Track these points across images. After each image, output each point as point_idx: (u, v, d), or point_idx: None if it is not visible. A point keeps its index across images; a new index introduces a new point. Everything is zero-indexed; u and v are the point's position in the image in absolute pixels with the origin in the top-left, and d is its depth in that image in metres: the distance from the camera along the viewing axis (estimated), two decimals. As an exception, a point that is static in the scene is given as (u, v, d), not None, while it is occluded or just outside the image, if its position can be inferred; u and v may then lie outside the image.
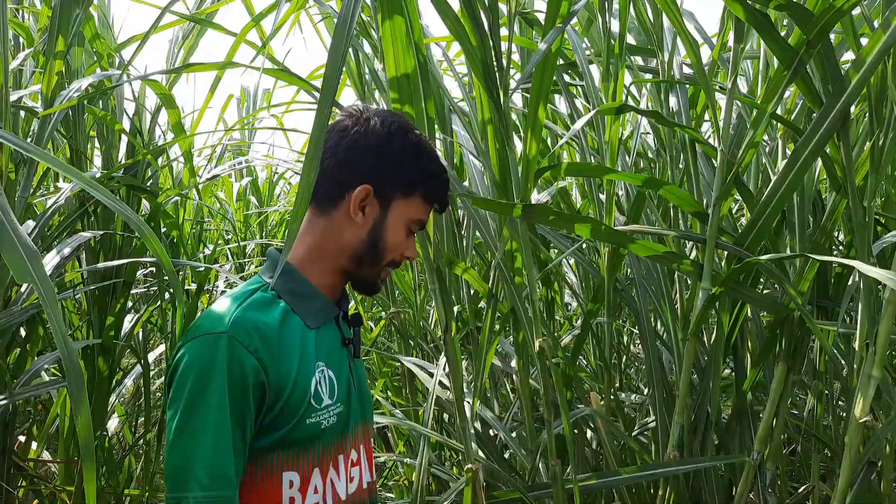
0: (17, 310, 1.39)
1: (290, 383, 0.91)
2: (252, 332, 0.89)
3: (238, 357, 0.87)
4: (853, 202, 1.17)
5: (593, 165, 1.60)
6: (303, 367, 0.93)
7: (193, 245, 2.94)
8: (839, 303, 1.41)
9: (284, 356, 0.92)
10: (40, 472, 2.23)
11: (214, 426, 0.86)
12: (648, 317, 1.65)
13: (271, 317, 0.93)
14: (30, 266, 0.67)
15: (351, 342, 1.03)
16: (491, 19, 1.22)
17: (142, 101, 2.19)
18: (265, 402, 0.90)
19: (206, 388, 0.86)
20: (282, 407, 0.90)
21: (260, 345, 0.89)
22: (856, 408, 1.14)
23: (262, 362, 0.89)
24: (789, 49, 1.16)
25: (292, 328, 0.95)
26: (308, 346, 0.95)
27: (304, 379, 0.93)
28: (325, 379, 0.96)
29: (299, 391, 0.92)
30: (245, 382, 0.87)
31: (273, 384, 0.90)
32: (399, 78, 1.16)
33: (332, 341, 1.00)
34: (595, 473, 1.38)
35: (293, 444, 0.92)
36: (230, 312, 0.90)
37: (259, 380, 0.88)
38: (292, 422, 0.91)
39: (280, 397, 0.90)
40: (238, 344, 0.87)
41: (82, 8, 1.47)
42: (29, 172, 1.44)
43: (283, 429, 0.91)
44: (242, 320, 0.90)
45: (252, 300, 0.94)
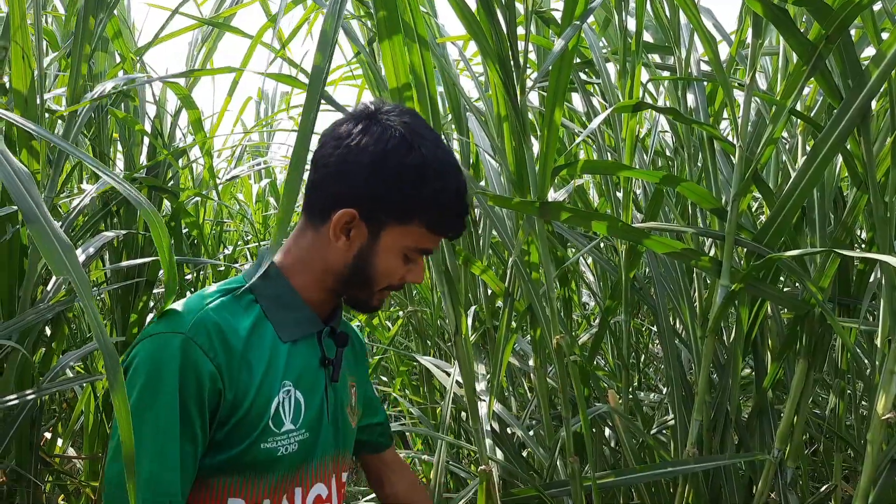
0: (44, 307, 1.42)
1: (248, 399, 0.81)
2: (214, 335, 0.80)
3: (194, 360, 0.78)
4: (874, 198, 1.16)
5: (610, 163, 1.60)
6: (266, 384, 0.83)
7: (214, 245, 2.97)
8: (861, 300, 1.39)
9: (247, 367, 0.82)
10: (66, 468, 2.27)
11: (159, 435, 0.77)
12: (667, 315, 1.64)
13: (240, 321, 0.83)
14: (65, 259, 0.69)
15: (331, 363, 0.90)
16: (508, 18, 1.22)
17: (163, 104, 2.23)
18: (219, 413, 0.80)
19: (156, 392, 0.77)
20: (235, 424, 0.81)
21: (220, 350, 0.80)
22: (878, 405, 1.13)
23: (221, 369, 0.79)
24: (808, 44, 1.15)
25: (263, 338, 0.85)
26: (277, 361, 0.84)
27: (264, 397, 0.82)
28: (291, 401, 0.85)
29: (257, 410, 0.82)
30: (199, 389, 0.78)
31: (229, 395, 0.80)
32: (400, 87, 1.14)
33: (307, 359, 0.88)
34: (613, 471, 1.38)
35: (243, 468, 0.82)
36: (195, 311, 0.81)
37: (215, 387, 0.79)
38: (244, 443, 0.81)
39: (235, 412, 0.81)
40: (196, 346, 0.78)
41: (106, 13, 1.50)
42: (55, 172, 1.47)
43: (234, 450, 0.81)
44: (205, 321, 0.80)
45: (224, 300, 0.84)
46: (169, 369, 0.78)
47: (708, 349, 1.38)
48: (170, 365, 0.78)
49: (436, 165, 0.85)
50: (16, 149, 1.46)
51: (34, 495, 1.76)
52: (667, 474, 1.42)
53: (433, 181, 0.84)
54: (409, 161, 0.84)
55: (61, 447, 2.28)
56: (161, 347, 0.79)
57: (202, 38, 2.19)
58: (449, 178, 0.86)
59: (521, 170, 1.33)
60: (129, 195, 0.71)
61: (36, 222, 0.67)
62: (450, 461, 1.85)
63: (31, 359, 1.53)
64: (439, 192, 0.85)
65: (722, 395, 1.44)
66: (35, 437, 1.75)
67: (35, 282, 1.52)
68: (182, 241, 2.20)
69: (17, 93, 1.38)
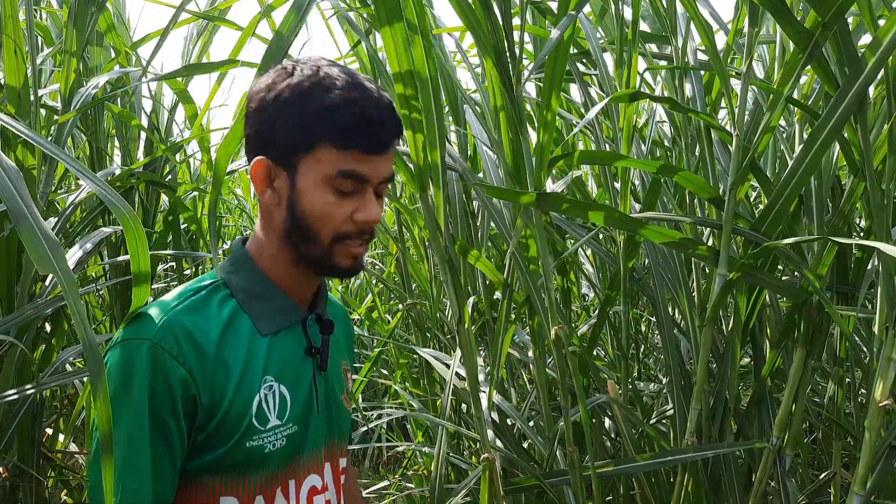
0: (42, 303, 1.42)
1: (226, 400, 0.78)
2: (182, 339, 0.77)
3: (163, 367, 0.75)
4: (871, 185, 1.16)
5: (607, 153, 1.60)
6: (245, 382, 0.80)
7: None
8: (859, 287, 1.40)
9: (222, 368, 0.79)
10: (68, 464, 2.28)
11: (127, 447, 0.74)
12: (665, 305, 1.64)
13: (212, 320, 0.80)
14: (51, 257, 0.69)
15: (318, 352, 0.87)
16: (503, 8, 1.22)
17: (159, 98, 2.22)
18: (197, 418, 0.78)
19: (124, 403, 0.75)
20: (216, 426, 0.78)
21: (190, 353, 0.77)
22: (875, 392, 1.14)
23: (192, 373, 0.76)
24: (804, 31, 1.15)
25: (239, 334, 0.81)
26: (255, 357, 0.81)
27: (244, 396, 0.79)
28: (275, 396, 0.82)
29: (237, 409, 0.79)
30: (172, 396, 0.75)
31: (205, 399, 0.77)
32: (403, 74, 1.12)
33: (290, 350, 0.85)
34: (612, 460, 1.38)
35: (231, 467, 0.80)
36: (162, 314, 0.78)
37: (188, 393, 0.76)
38: (229, 443, 0.79)
39: (214, 415, 0.78)
40: (163, 352, 0.75)
41: (97, 7, 1.49)
42: (50, 168, 1.47)
43: (219, 450, 0.79)
44: (172, 324, 0.77)
45: (195, 299, 0.81)
46: (137, 379, 0.75)
47: (706, 338, 1.38)
48: (138, 374, 0.75)
49: (325, 81, 0.79)
50: (11, 144, 1.46)
51: (37, 490, 1.77)
52: (666, 463, 1.42)
53: (324, 93, 0.78)
54: (294, 83, 0.79)
55: (63, 443, 2.29)
56: (128, 356, 0.77)
57: (198, 32, 2.18)
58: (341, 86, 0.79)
59: (517, 161, 1.33)
60: (105, 198, 0.70)
61: (23, 220, 0.67)
62: (450, 453, 1.86)
63: (30, 354, 1.54)
64: (334, 100, 0.78)
65: (721, 384, 1.45)
66: (37, 432, 1.76)
67: (33, 277, 1.52)
68: (180, 236, 2.20)
69: (11, 88, 1.38)
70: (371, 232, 0.83)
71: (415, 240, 2.51)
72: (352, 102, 0.78)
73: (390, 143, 0.82)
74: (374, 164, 0.80)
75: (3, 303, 1.54)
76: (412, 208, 2.48)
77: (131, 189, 1.94)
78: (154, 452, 0.76)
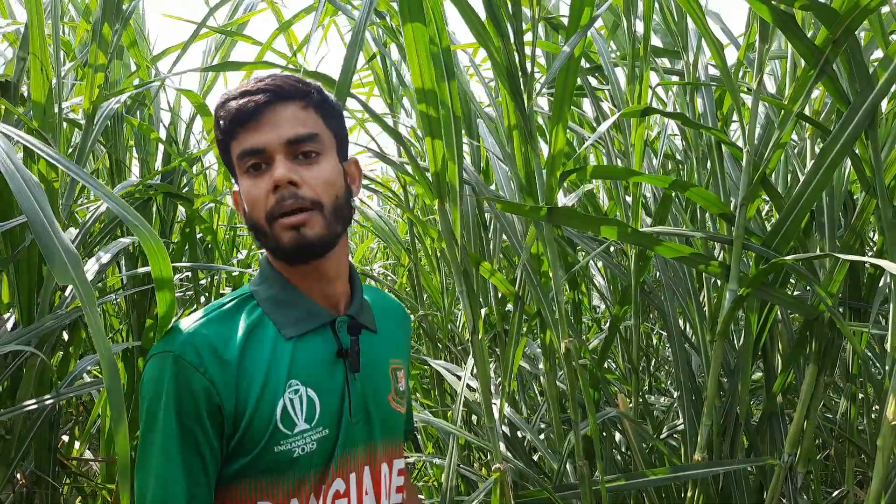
0: (63, 313, 1.44)
1: (250, 406, 0.80)
2: (203, 350, 0.79)
3: (186, 378, 0.78)
4: (882, 202, 1.16)
5: (619, 168, 1.61)
6: (268, 387, 0.81)
7: (228, 249, 3.01)
8: (871, 303, 1.39)
9: (245, 375, 0.80)
10: (83, 471, 2.31)
11: (162, 456, 0.78)
12: (676, 318, 1.64)
13: (236, 330, 0.82)
14: (71, 270, 0.71)
15: (347, 353, 0.87)
16: (515, 25, 1.24)
17: (177, 111, 2.26)
18: (224, 426, 0.80)
19: (156, 413, 0.79)
20: (243, 432, 0.80)
21: (212, 363, 0.79)
22: (888, 410, 1.13)
23: (214, 383, 0.79)
24: (814, 48, 1.16)
25: (262, 340, 0.83)
26: (279, 361, 0.82)
27: (268, 401, 0.81)
28: (301, 400, 0.83)
29: (262, 414, 0.80)
30: (196, 405, 0.78)
31: (229, 407, 0.79)
32: (426, 91, 1.14)
33: (318, 353, 0.85)
34: (623, 475, 1.38)
35: (262, 472, 0.81)
36: (187, 328, 0.81)
37: (212, 402, 0.79)
38: (256, 449, 0.80)
39: (240, 421, 0.80)
40: (186, 364, 0.79)
41: (121, 23, 1.53)
42: (72, 182, 1.50)
43: (249, 455, 0.81)
44: (194, 336, 0.80)
45: (221, 311, 0.84)
46: (164, 390, 0.79)
47: (717, 353, 1.38)
48: (165, 386, 0.79)
49: (229, 92, 0.85)
50: (33, 157, 1.49)
51: (52, 497, 1.79)
52: (677, 479, 1.41)
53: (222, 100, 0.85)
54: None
55: (78, 450, 2.32)
56: (157, 369, 0.80)
57: (216, 46, 2.22)
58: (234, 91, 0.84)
59: (529, 175, 1.34)
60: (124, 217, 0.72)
61: (43, 232, 0.69)
62: (460, 464, 1.86)
63: (49, 363, 1.56)
64: (218, 101, 0.86)
65: (731, 400, 1.44)
66: (54, 440, 1.78)
67: (53, 288, 1.55)
68: (196, 246, 2.23)
69: (36, 103, 1.42)
70: (294, 195, 0.81)
71: (427, 251, 2.52)
72: (226, 98, 0.84)
73: (261, 109, 0.82)
74: (261, 133, 0.81)
75: (24, 313, 1.57)
76: (424, 219, 2.50)
77: (149, 200, 1.98)
78: (184, 459, 0.78)
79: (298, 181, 0.82)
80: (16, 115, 1.46)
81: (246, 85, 0.84)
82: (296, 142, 0.83)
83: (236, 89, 0.84)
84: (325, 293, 0.88)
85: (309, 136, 0.83)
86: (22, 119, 1.43)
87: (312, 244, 0.83)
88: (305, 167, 0.83)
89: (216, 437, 0.80)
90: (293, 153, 0.83)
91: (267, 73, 0.86)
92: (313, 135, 0.84)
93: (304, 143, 0.83)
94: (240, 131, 0.83)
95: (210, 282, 2.56)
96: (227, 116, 0.83)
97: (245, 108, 0.82)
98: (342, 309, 0.90)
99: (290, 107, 0.83)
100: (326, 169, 0.84)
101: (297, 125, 0.83)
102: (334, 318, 0.88)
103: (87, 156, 1.57)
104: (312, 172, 0.83)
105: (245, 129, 0.82)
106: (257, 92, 0.82)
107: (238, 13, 2.18)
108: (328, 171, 0.84)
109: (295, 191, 0.82)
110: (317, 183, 0.83)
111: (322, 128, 0.86)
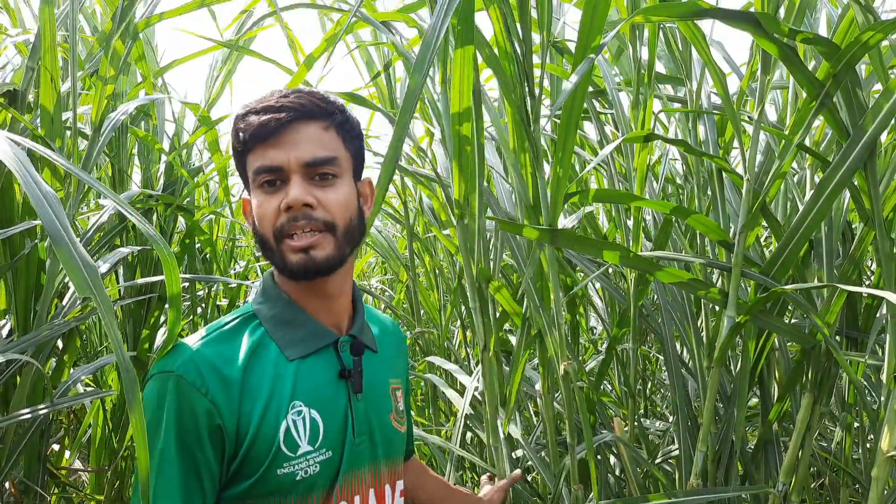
0: (60, 323, 1.44)
1: (252, 427, 0.79)
2: (205, 371, 0.78)
3: (188, 399, 0.77)
4: (880, 234, 1.18)
5: (622, 193, 1.62)
6: (271, 408, 0.80)
7: (226, 261, 3.01)
8: (868, 334, 1.40)
9: (248, 396, 0.79)
10: (72, 481, 2.28)
11: (160, 478, 0.76)
12: (674, 343, 1.65)
13: (238, 350, 0.81)
14: (89, 280, 0.71)
15: (350, 375, 0.86)
16: (524, 49, 1.25)
17: (181, 123, 2.27)
18: (225, 447, 0.79)
19: (156, 433, 0.77)
20: (245, 453, 0.79)
21: (214, 384, 0.78)
22: (883, 442, 1.13)
23: (216, 404, 0.77)
24: (816, 81, 1.18)
25: (264, 361, 0.82)
26: (282, 383, 0.81)
27: (270, 422, 0.80)
28: (305, 421, 0.81)
29: (265, 437, 0.79)
30: (197, 426, 0.77)
31: (231, 428, 0.78)
32: (461, 114, 1.18)
33: (321, 375, 0.85)
34: (618, 499, 1.38)
35: (265, 495, 0.80)
36: (189, 347, 0.80)
37: (213, 423, 0.77)
38: (259, 471, 0.79)
39: (242, 443, 0.79)
40: (187, 384, 0.77)
41: (131, 37, 1.54)
42: (77, 192, 1.50)
43: (250, 479, 0.79)
44: (196, 356, 0.79)
45: (222, 331, 0.83)
46: (165, 411, 0.77)
47: (714, 379, 1.38)
48: (165, 406, 0.77)
49: (241, 109, 0.85)
50: (38, 166, 1.50)
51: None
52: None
53: (241, 115, 0.85)
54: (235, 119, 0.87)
55: (68, 459, 2.30)
56: (157, 389, 0.79)
57: (222, 59, 2.24)
58: (248, 104, 0.85)
59: (534, 197, 1.35)
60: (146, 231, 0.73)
61: (63, 245, 0.70)
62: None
63: (44, 372, 1.56)
64: (239, 112, 0.86)
65: (727, 426, 1.44)
66: (44, 449, 1.77)
67: (52, 296, 1.55)
68: (195, 257, 2.24)
69: (45, 111, 1.42)
70: (307, 217, 0.81)
71: (425, 268, 2.53)
72: (248, 111, 0.83)
73: (283, 127, 0.81)
74: (280, 151, 0.81)
75: (21, 320, 1.56)
76: (424, 237, 2.51)
77: (150, 210, 1.98)
78: (183, 481, 0.77)
79: (314, 203, 0.82)
80: (22, 124, 1.47)
81: (268, 99, 0.83)
82: (314, 164, 0.83)
83: (258, 102, 0.84)
84: (327, 310, 0.88)
85: (327, 159, 0.83)
86: (28, 127, 1.44)
87: (320, 265, 0.83)
88: (321, 189, 0.83)
89: (216, 460, 0.79)
90: (310, 175, 0.83)
91: (291, 90, 0.85)
92: (332, 158, 0.84)
93: (322, 165, 0.83)
94: (258, 147, 0.83)
95: (207, 293, 2.56)
96: (247, 130, 0.83)
97: (266, 125, 0.81)
98: (344, 328, 0.90)
99: (311, 126, 0.83)
100: (342, 192, 0.85)
101: (317, 147, 0.83)
102: (337, 339, 0.87)
103: (94, 165, 1.57)
104: (328, 195, 0.83)
105: (264, 146, 0.82)
106: (280, 109, 0.82)
107: (245, 28, 2.20)
108: (344, 194, 0.85)
109: (309, 212, 0.82)
110: (331, 206, 0.83)
111: (341, 150, 0.86)
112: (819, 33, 1.19)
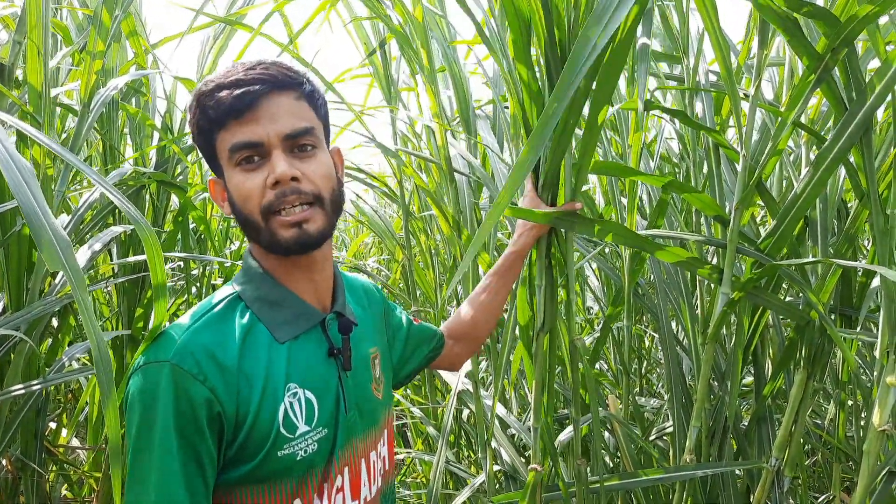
0: (52, 299, 1.43)
1: (251, 412, 0.78)
2: (201, 358, 0.76)
3: (185, 388, 0.75)
4: (874, 210, 1.17)
5: (619, 165, 1.60)
6: (268, 392, 0.79)
7: (221, 241, 2.99)
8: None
9: (245, 381, 0.78)
10: (70, 459, 2.29)
11: (159, 471, 0.74)
12: (668, 321, 1.65)
13: (230, 335, 0.80)
14: (62, 255, 0.70)
15: (340, 353, 0.87)
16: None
17: (173, 99, 2.25)
18: (224, 434, 0.77)
19: (151, 427, 0.74)
20: (245, 438, 0.78)
21: (212, 372, 0.76)
22: (875, 416, 1.14)
23: (215, 392, 0.76)
24: (816, 55, 1.16)
25: (257, 346, 0.81)
26: (276, 366, 0.81)
27: (269, 406, 0.79)
28: (300, 402, 0.81)
29: (264, 421, 0.78)
30: (196, 416, 0.75)
31: (230, 415, 0.77)
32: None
33: (312, 355, 0.85)
34: (616, 475, 1.38)
35: (265, 478, 0.79)
36: (179, 334, 0.77)
37: (213, 411, 0.76)
38: (259, 455, 0.78)
39: (241, 428, 0.78)
40: (184, 373, 0.75)
41: (122, 9, 1.52)
42: (66, 168, 1.49)
43: (250, 463, 0.78)
44: (190, 344, 0.77)
45: (211, 315, 0.81)
46: (161, 402, 0.75)
47: (708, 356, 1.39)
48: (162, 398, 0.75)
49: (205, 85, 0.82)
50: (27, 142, 1.48)
51: (38, 484, 1.78)
52: (666, 479, 1.42)
53: (200, 94, 0.82)
54: (189, 104, 0.84)
55: (66, 437, 2.31)
56: (151, 380, 0.76)
57: (214, 35, 2.21)
58: (214, 79, 0.81)
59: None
60: (126, 209, 0.72)
61: (35, 218, 0.68)
62: (450, 461, 1.86)
63: (38, 350, 1.56)
64: (203, 92, 0.81)
65: (721, 403, 1.45)
66: (40, 426, 1.77)
67: (44, 274, 1.54)
68: (188, 236, 2.22)
69: (32, 87, 1.40)
70: (296, 191, 0.80)
71: (421, 247, 2.52)
72: (215, 86, 0.80)
73: (258, 100, 0.79)
74: (258, 125, 0.79)
75: (14, 298, 1.56)
76: (419, 216, 2.50)
77: (142, 188, 1.97)
78: (185, 473, 0.75)
79: (300, 176, 0.80)
80: (10, 99, 1.45)
81: (235, 72, 0.80)
82: (294, 136, 0.81)
83: (224, 77, 0.81)
84: (313, 285, 0.87)
85: (306, 129, 0.82)
86: (17, 103, 1.42)
87: (314, 238, 0.82)
88: (302, 161, 0.82)
89: (215, 446, 0.78)
90: (290, 147, 0.81)
91: (256, 61, 0.82)
92: (310, 128, 0.82)
93: (301, 136, 0.81)
94: (233, 123, 0.80)
95: (202, 272, 2.55)
96: (218, 106, 0.79)
97: (242, 98, 0.78)
98: (328, 304, 0.89)
99: (284, 97, 0.81)
100: (324, 162, 0.83)
101: (294, 119, 0.81)
102: (324, 318, 0.87)
103: (83, 142, 1.55)
104: (311, 167, 0.82)
105: (239, 121, 0.79)
106: (253, 82, 0.79)
107: (237, 5, 2.17)
108: (325, 164, 0.84)
109: (297, 186, 0.80)
110: (316, 178, 0.81)
111: (315, 120, 0.84)
112: (818, 6, 1.17)
